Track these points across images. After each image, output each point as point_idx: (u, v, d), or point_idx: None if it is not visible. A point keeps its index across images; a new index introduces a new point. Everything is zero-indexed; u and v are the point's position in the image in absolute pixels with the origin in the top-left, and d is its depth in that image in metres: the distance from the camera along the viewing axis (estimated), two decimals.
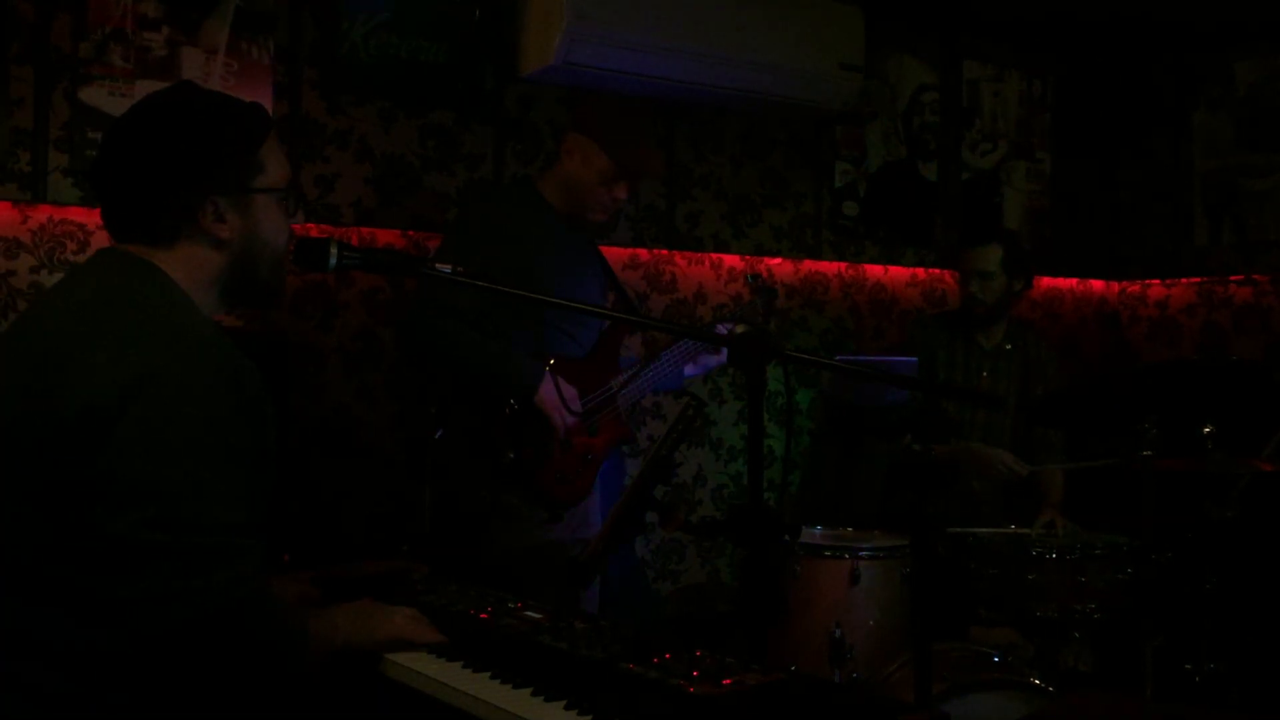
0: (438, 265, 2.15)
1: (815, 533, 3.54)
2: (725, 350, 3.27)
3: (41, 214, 3.42)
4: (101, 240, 1.94)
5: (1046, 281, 5.51)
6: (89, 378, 1.67)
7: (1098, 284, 5.73)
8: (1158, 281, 5.54)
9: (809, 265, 4.88)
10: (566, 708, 1.65)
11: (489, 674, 1.80)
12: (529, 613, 2.11)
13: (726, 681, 1.71)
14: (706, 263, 4.64)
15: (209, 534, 1.66)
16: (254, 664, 1.72)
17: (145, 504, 1.63)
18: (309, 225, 3.75)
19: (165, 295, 1.81)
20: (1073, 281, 5.66)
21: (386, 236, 3.93)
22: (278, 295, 2.04)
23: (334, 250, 1.96)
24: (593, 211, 3.21)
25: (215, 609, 1.65)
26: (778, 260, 4.79)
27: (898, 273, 5.13)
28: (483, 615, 2.12)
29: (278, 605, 1.80)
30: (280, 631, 1.77)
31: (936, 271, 5.22)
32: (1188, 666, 3.54)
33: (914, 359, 4.13)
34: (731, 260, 4.68)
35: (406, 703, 1.86)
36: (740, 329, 3.16)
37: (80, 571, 1.67)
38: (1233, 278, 5.23)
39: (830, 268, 4.94)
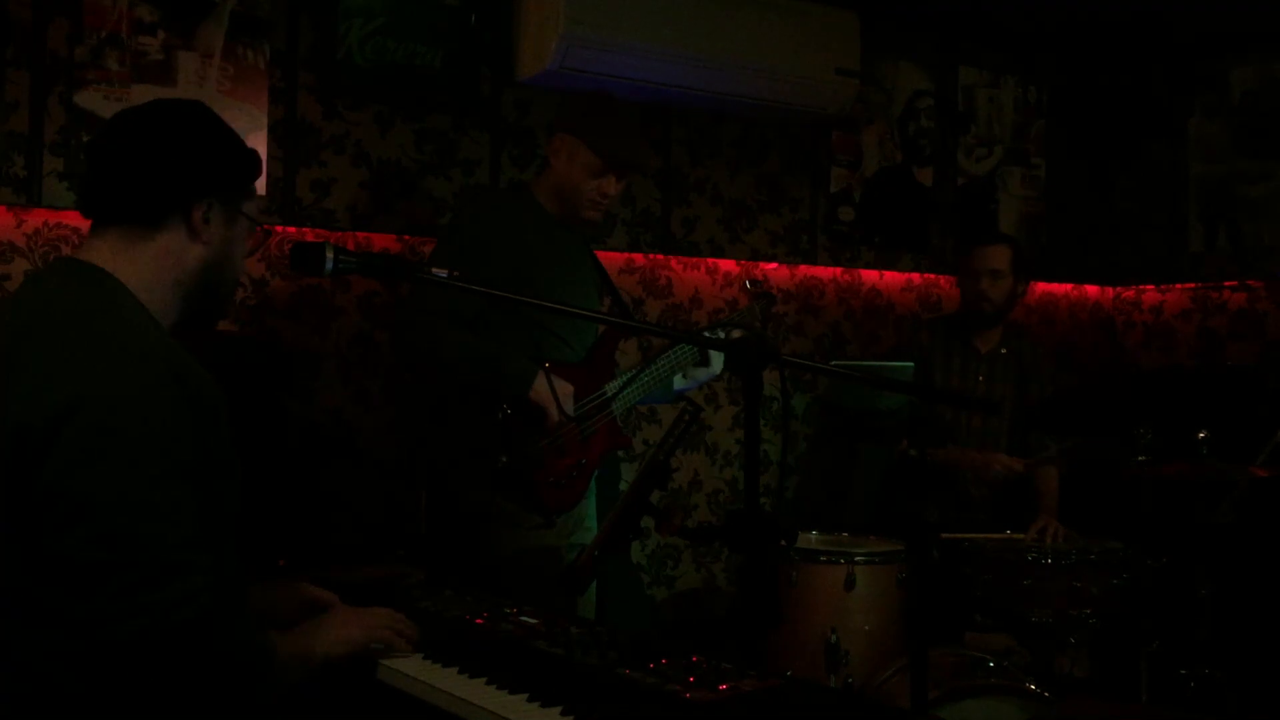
0: (433, 270, 2.15)
1: (811, 538, 3.54)
2: (715, 363, 3.28)
3: (36, 218, 3.41)
4: None
5: (1041, 287, 5.51)
6: (25, 397, 1.66)
7: (1092, 289, 5.73)
8: (1152, 287, 5.54)
9: (804, 270, 4.88)
10: (562, 714, 1.65)
11: (484, 679, 1.80)
12: (525, 618, 2.11)
13: (723, 687, 1.71)
14: (702, 268, 4.64)
15: (154, 550, 1.63)
16: (213, 681, 1.68)
17: (87, 522, 1.61)
18: (304, 229, 3.75)
19: (114, 307, 1.79)
20: (1068, 287, 5.66)
21: (382, 241, 3.93)
22: (218, 319, 2.07)
23: (330, 254, 1.96)
24: (584, 209, 3.19)
25: (163, 626, 1.62)
26: (773, 265, 4.79)
27: (893, 278, 5.13)
28: (478, 620, 2.11)
29: (236, 622, 1.73)
30: (239, 649, 1.71)
31: (932, 277, 5.22)
32: (1183, 672, 3.54)
33: (910, 364, 4.14)
34: (727, 265, 4.68)
35: (400, 708, 1.86)
36: (737, 334, 3.17)
37: (38, 587, 1.66)
38: (1227, 283, 5.24)
39: (826, 273, 4.94)
